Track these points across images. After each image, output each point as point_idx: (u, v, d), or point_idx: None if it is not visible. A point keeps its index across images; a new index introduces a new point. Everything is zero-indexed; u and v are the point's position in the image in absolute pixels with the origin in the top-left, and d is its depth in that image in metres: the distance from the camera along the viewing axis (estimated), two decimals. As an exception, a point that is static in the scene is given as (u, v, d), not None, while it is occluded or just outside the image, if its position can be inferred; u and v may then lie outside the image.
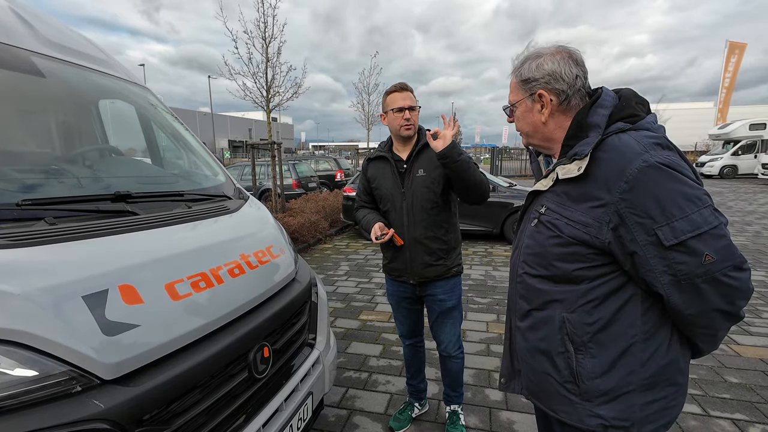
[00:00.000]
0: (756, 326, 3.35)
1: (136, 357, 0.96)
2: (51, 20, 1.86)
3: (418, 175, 1.85)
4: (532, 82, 0.97)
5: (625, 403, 0.90)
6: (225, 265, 1.37)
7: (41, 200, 1.18)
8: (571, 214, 0.90)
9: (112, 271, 1.04)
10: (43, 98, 1.68)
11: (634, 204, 0.81)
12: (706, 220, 0.79)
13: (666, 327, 0.91)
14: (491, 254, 5.98)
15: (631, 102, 0.92)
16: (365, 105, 15.04)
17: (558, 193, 0.95)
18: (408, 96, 1.83)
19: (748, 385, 2.51)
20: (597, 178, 0.86)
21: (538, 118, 1.00)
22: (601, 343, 0.90)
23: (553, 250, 0.94)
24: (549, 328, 0.96)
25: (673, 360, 0.91)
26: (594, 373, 0.92)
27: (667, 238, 0.79)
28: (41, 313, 0.86)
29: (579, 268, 0.90)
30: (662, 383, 0.91)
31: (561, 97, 0.95)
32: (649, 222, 0.81)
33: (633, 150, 0.83)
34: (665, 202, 0.79)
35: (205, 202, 1.71)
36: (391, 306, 2.15)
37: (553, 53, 0.96)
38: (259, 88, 7.30)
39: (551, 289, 0.96)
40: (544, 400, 1.02)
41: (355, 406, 2.37)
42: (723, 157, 18.90)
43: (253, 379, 1.29)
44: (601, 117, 0.90)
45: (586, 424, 0.94)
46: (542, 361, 0.99)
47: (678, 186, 0.80)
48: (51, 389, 0.82)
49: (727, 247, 0.80)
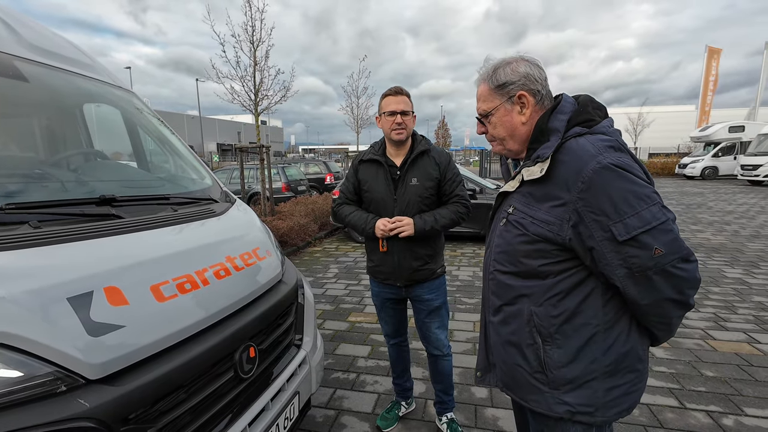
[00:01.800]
0: (732, 322, 3.47)
1: (121, 357, 0.98)
2: (34, 24, 1.86)
3: (411, 183, 1.87)
4: (510, 85, 1.01)
5: (590, 389, 0.96)
6: (210, 267, 1.39)
7: (25, 204, 1.19)
8: (536, 213, 0.96)
9: (97, 274, 1.05)
10: (27, 103, 1.68)
11: (590, 202, 0.87)
12: (655, 216, 0.85)
13: (625, 317, 0.96)
14: (479, 255, 6.05)
15: (588, 108, 0.98)
16: (354, 108, 15.09)
17: (524, 194, 1.00)
18: (402, 100, 1.85)
19: (723, 378, 2.60)
20: (557, 179, 0.92)
21: (518, 119, 1.03)
22: (566, 334, 0.96)
23: (520, 247, 0.99)
24: (518, 322, 1.01)
25: (632, 348, 0.97)
26: (560, 363, 0.97)
27: (621, 234, 0.85)
28: (26, 315, 0.88)
29: (544, 264, 0.96)
30: (623, 370, 0.96)
31: (537, 97, 1.01)
32: (604, 219, 0.86)
33: (588, 152, 0.88)
34: (618, 201, 0.85)
35: (192, 206, 1.73)
36: (375, 306, 2.19)
37: (519, 60, 1.02)
38: (247, 92, 7.30)
39: (519, 284, 1.01)
40: (516, 390, 1.07)
41: (343, 406, 2.39)
42: (704, 158, 19.42)
43: (239, 379, 1.31)
44: (560, 122, 0.96)
45: (555, 411, 0.99)
46: (513, 354, 1.04)
47: (629, 185, 0.86)
48: (36, 389, 0.84)
49: (675, 240, 0.86)
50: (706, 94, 25.37)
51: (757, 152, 16.26)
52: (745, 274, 4.78)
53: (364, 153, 2.03)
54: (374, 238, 1.92)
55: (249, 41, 6.96)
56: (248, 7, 6.84)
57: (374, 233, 1.87)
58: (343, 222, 2.03)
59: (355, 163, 2.06)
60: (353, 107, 15.04)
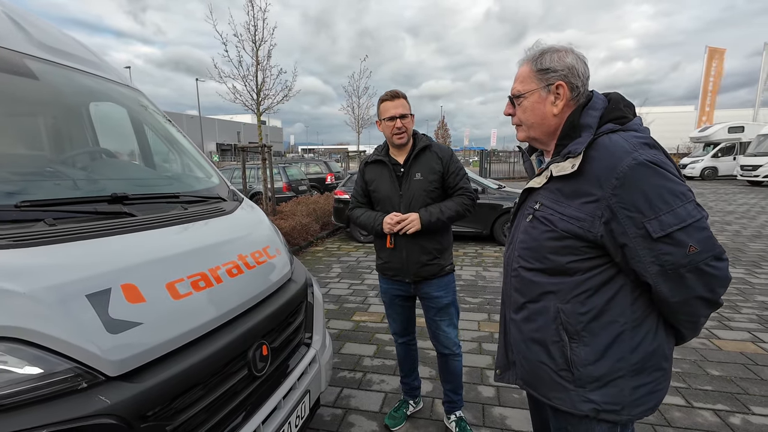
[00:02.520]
0: (736, 321, 3.48)
1: (139, 354, 0.98)
2: (43, 23, 1.85)
3: (415, 178, 1.90)
4: (551, 73, 0.99)
5: (616, 387, 0.95)
6: (223, 265, 1.39)
7: (40, 202, 1.18)
8: (565, 210, 0.95)
9: (115, 271, 1.05)
10: (37, 101, 1.68)
11: (624, 199, 0.86)
12: (690, 214, 0.85)
13: (653, 315, 0.96)
14: (481, 255, 6.06)
15: (620, 105, 0.98)
16: (355, 108, 15.08)
17: (552, 190, 1.00)
18: (400, 104, 1.87)
19: (728, 377, 2.61)
20: (589, 175, 0.91)
21: (549, 110, 1.01)
22: (594, 331, 0.95)
23: (547, 244, 0.98)
24: (544, 319, 1.01)
25: (659, 346, 0.96)
26: (587, 360, 0.96)
27: (655, 231, 0.85)
28: (47, 312, 0.88)
29: (572, 261, 0.95)
30: (649, 368, 0.96)
31: (574, 92, 0.99)
32: (639, 216, 0.86)
33: (623, 149, 0.88)
34: (653, 197, 0.85)
35: (201, 204, 1.73)
36: (384, 303, 2.19)
37: (568, 50, 0.99)
38: (249, 91, 7.29)
39: (546, 281, 1.00)
40: (538, 388, 1.06)
41: (350, 405, 2.39)
42: (704, 159, 19.45)
43: (252, 377, 1.31)
44: (592, 118, 0.95)
45: (580, 409, 0.98)
46: (537, 351, 1.04)
47: (664, 182, 0.85)
48: (58, 386, 0.84)
49: (709, 238, 0.86)
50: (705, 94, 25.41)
51: (757, 153, 16.28)
52: (747, 274, 4.79)
53: (369, 155, 2.09)
54: (382, 236, 1.95)
55: (251, 41, 6.96)
56: (251, 6, 6.84)
57: (382, 230, 1.90)
58: (356, 224, 2.07)
59: (361, 167, 2.11)
60: (354, 107, 15.04)
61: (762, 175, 15.62)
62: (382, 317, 3.69)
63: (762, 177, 15.61)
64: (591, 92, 1.02)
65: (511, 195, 6.77)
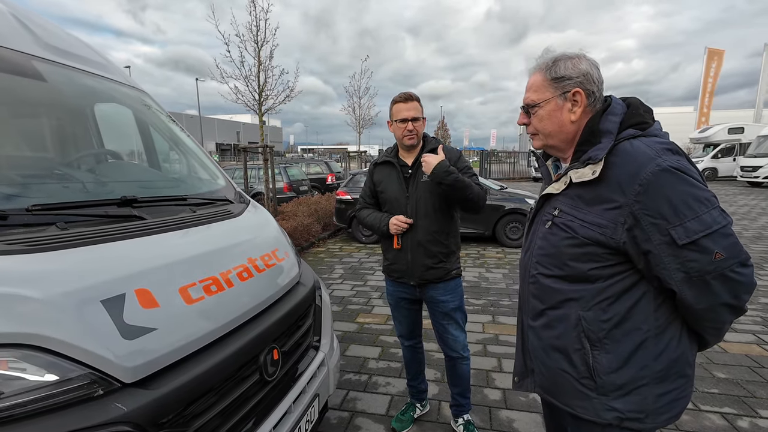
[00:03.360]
0: (740, 323, 3.47)
1: (154, 360, 0.97)
2: (48, 24, 1.84)
3: (422, 180, 1.89)
4: (567, 80, 0.97)
5: (640, 395, 0.94)
6: (234, 269, 1.38)
7: (51, 205, 1.17)
8: (585, 216, 0.94)
9: (128, 276, 1.05)
10: (45, 102, 1.67)
11: (648, 206, 0.86)
12: (716, 220, 0.84)
13: (677, 322, 0.95)
14: (484, 256, 6.05)
15: (639, 110, 0.97)
16: (356, 108, 15.07)
17: (571, 196, 0.99)
18: (413, 107, 1.86)
19: (734, 380, 2.60)
20: (611, 181, 0.90)
21: (567, 117, 1.00)
22: (616, 339, 0.94)
23: (567, 250, 0.97)
24: (564, 326, 1.00)
25: (683, 353, 0.96)
26: (610, 368, 0.95)
27: (681, 238, 0.84)
28: (62, 318, 0.87)
29: (594, 268, 0.94)
30: (673, 375, 0.95)
31: (591, 98, 0.98)
32: (663, 222, 0.85)
33: (646, 155, 0.87)
34: (678, 204, 0.84)
35: (209, 206, 1.72)
36: (390, 306, 2.18)
37: (581, 56, 0.98)
38: (251, 92, 7.28)
39: (566, 288, 0.99)
40: (559, 396, 1.05)
41: (356, 408, 2.38)
42: (703, 160, 19.45)
43: (264, 382, 1.30)
44: (612, 124, 0.94)
45: (603, 417, 0.97)
46: (558, 359, 1.03)
47: (689, 188, 0.85)
48: (74, 393, 0.83)
49: (735, 245, 0.85)
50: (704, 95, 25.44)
51: (757, 154, 16.31)
52: (750, 276, 4.79)
53: (378, 157, 2.11)
54: (389, 236, 1.96)
55: (253, 41, 6.95)
56: (253, 6, 6.83)
57: (388, 231, 1.91)
58: (363, 225, 2.07)
59: (370, 168, 2.11)
60: (355, 107, 15.03)
61: (762, 176, 15.64)
62: (386, 319, 3.69)
63: (762, 178, 15.63)
64: (609, 97, 1.01)
65: (513, 196, 6.76)
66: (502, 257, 6.01)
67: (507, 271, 5.23)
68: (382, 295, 4.37)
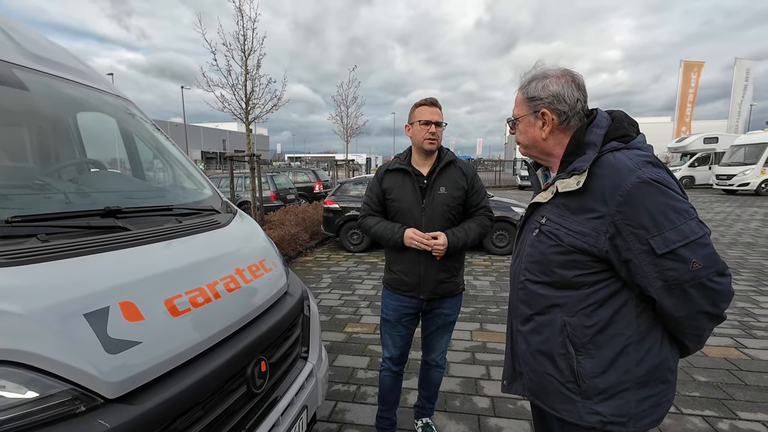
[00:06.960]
0: (719, 327, 3.57)
1: (139, 375, 0.95)
2: (30, 32, 1.82)
3: (440, 192, 1.85)
4: (537, 101, 1.04)
5: (622, 399, 0.97)
6: (221, 280, 1.36)
7: (31, 216, 1.15)
8: (571, 225, 0.97)
9: (112, 288, 1.03)
10: (27, 111, 1.63)
11: (628, 216, 0.89)
12: (693, 231, 0.87)
13: (658, 328, 0.98)
14: (471, 264, 6.09)
15: (624, 123, 1.01)
16: (344, 117, 15.13)
17: (558, 205, 1.02)
18: (437, 112, 1.85)
19: (715, 383, 2.67)
20: (594, 192, 0.94)
21: (538, 134, 1.07)
22: (600, 344, 0.97)
23: (553, 258, 1.00)
24: (550, 331, 1.03)
25: (664, 359, 0.99)
26: (593, 373, 0.98)
27: (659, 247, 0.87)
28: (44, 333, 0.84)
29: (578, 275, 0.97)
30: (655, 381, 0.98)
31: (561, 117, 1.03)
32: (643, 232, 0.88)
33: (627, 167, 0.91)
34: (656, 215, 0.87)
35: (195, 217, 1.70)
36: (386, 323, 2.02)
37: (558, 76, 1.03)
38: (238, 100, 7.25)
39: (552, 294, 1.02)
40: (545, 399, 1.07)
41: (345, 419, 2.35)
42: (681, 168, 20.13)
43: (251, 394, 1.29)
44: (597, 136, 0.99)
45: (586, 421, 0.99)
46: (544, 363, 1.05)
47: (667, 200, 0.88)
48: (54, 410, 0.80)
49: (712, 255, 0.89)
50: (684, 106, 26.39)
51: (731, 162, 16.95)
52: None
53: (390, 163, 1.98)
54: (401, 249, 1.85)
55: (240, 50, 6.94)
56: (240, 16, 6.84)
57: (403, 243, 1.82)
58: (367, 233, 1.97)
59: (379, 174, 2.00)
60: (343, 116, 15.09)
61: (736, 184, 16.23)
62: (375, 328, 3.67)
63: (736, 186, 16.22)
64: (595, 110, 1.06)
65: (500, 204, 6.85)
66: (489, 264, 6.07)
67: (494, 279, 5.28)
68: (371, 304, 4.35)
